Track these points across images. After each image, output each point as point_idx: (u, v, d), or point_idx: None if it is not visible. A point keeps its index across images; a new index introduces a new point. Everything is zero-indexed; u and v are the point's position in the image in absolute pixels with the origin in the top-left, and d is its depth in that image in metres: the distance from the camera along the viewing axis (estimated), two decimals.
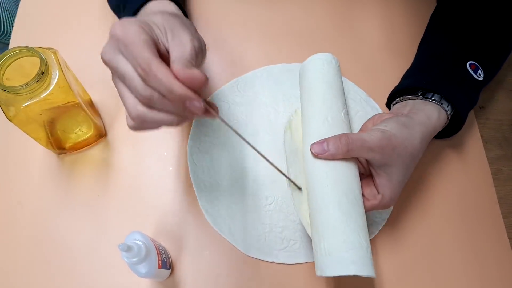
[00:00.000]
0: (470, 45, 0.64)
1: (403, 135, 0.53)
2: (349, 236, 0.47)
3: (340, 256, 0.46)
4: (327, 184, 0.51)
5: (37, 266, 0.58)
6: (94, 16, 0.75)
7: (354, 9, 0.79)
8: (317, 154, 0.52)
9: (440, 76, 0.61)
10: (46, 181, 0.63)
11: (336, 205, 0.49)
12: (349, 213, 0.49)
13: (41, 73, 0.49)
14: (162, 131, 0.66)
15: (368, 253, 0.47)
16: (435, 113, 0.58)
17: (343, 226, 0.48)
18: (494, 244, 0.62)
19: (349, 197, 0.50)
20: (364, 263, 0.46)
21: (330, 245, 0.47)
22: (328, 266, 0.47)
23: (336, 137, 0.51)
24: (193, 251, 0.59)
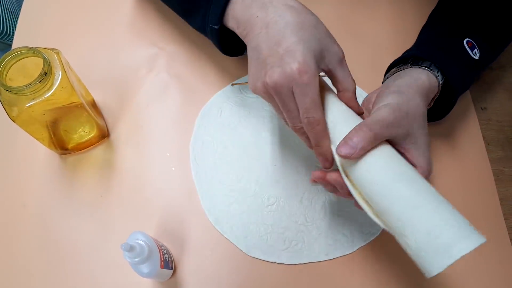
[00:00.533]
0: (469, 24, 0.64)
1: (404, 100, 0.50)
2: (437, 218, 0.42)
3: (442, 243, 0.41)
4: (376, 182, 0.45)
5: (40, 266, 0.58)
6: (96, 17, 0.76)
7: (358, 11, 0.79)
8: (349, 154, 0.46)
9: (434, 48, 0.60)
10: (49, 182, 0.63)
11: (400, 198, 0.44)
12: (418, 196, 0.44)
13: (44, 74, 0.49)
14: (164, 132, 0.66)
15: (464, 220, 0.42)
16: (422, 76, 0.56)
17: (424, 213, 0.42)
18: (496, 245, 0.62)
19: (408, 181, 0.45)
20: (468, 233, 0.41)
21: (423, 239, 0.42)
22: (438, 258, 0.41)
23: (356, 130, 0.47)
24: (195, 251, 0.59)
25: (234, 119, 0.67)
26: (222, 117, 0.67)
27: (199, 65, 0.72)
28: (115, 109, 0.68)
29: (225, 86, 0.70)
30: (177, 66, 0.72)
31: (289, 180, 0.63)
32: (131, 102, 0.69)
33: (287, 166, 0.64)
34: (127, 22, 0.75)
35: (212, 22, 0.56)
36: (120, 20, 0.76)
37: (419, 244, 0.42)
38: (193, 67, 0.72)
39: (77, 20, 0.75)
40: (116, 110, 0.68)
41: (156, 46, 0.73)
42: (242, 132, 0.66)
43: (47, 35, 0.74)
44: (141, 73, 0.71)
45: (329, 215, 0.61)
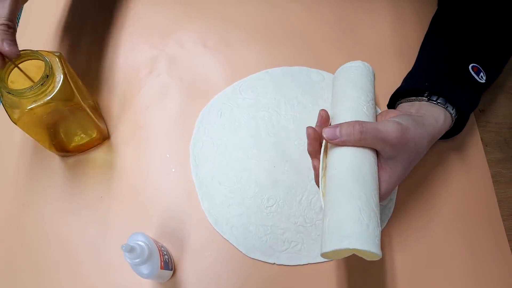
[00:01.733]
0: (472, 47, 0.64)
1: (416, 132, 0.52)
2: (349, 213, 0.46)
3: (335, 232, 0.45)
4: (335, 167, 0.50)
5: (40, 267, 0.58)
6: (97, 20, 0.76)
7: (357, 12, 0.79)
8: (329, 139, 0.50)
9: (443, 78, 0.61)
10: (50, 183, 0.63)
11: (341, 187, 0.48)
12: (353, 193, 0.47)
13: (46, 77, 0.50)
14: (164, 133, 0.67)
15: (369, 229, 0.45)
16: (441, 116, 0.58)
17: (344, 205, 0.46)
18: (494, 246, 0.62)
19: (358, 179, 0.48)
20: (361, 237, 0.44)
21: (330, 223, 0.46)
22: (325, 242, 0.46)
23: (350, 123, 0.50)
24: (195, 252, 0.59)
25: (234, 121, 0.67)
26: (222, 119, 0.68)
27: (199, 67, 0.72)
28: (116, 111, 0.68)
29: (225, 88, 0.71)
30: (177, 68, 0.72)
31: (288, 181, 0.63)
32: (131, 104, 0.69)
33: (286, 168, 0.64)
34: (128, 24, 0.76)
35: None
36: (120, 23, 0.76)
37: (329, 227, 0.46)
38: (193, 69, 0.72)
39: (77, 22, 0.76)
40: (116, 112, 0.68)
41: (157, 48, 0.74)
42: (241, 134, 0.66)
43: (47, 38, 0.74)
44: (141, 75, 0.71)
45: None
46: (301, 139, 0.66)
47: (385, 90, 0.69)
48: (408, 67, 0.70)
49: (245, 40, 0.75)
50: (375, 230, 0.45)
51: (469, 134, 0.69)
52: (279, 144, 0.66)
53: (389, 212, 0.63)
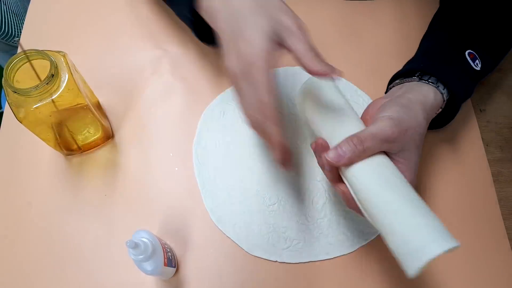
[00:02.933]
0: (470, 35, 0.65)
1: (409, 116, 0.52)
2: (408, 224, 0.44)
3: (409, 251, 0.43)
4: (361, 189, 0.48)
5: (45, 264, 0.59)
6: (101, 19, 0.76)
7: (358, 13, 0.80)
8: (335, 161, 0.48)
9: (438, 61, 0.62)
10: (55, 182, 0.64)
11: (380, 204, 0.46)
12: (394, 203, 0.46)
13: (51, 76, 0.50)
14: (167, 133, 0.67)
15: (438, 225, 0.44)
16: (431, 93, 0.58)
17: (398, 220, 0.45)
18: (494, 245, 0.63)
19: (388, 188, 0.47)
20: (441, 237, 0.43)
21: (398, 245, 0.44)
22: (408, 264, 0.43)
23: (347, 140, 0.49)
24: (198, 250, 0.60)
25: (236, 120, 0.68)
26: (225, 118, 0.68)
27: (202, 67, 0.73)
28: (120, 110, 0.69)
29: (228, 88, 0.71)
30: (181, 68, 0.73)
31: (290, 180, 0.64)
32: (135, 103, 0.70)
33: None
34: (132, 24, 0.76)
35: (186, 11, 0.58)
36: (125, 23, 0.76)
37: (396, 248, 0.44)
38: (197, 69, 0.73)
39: (82, 22, 0.76)
40: (120, 112, 0.69)
41: (160, 48, 0.74)
42: (244, 133, 0.67)
43: (52, 37, 0.75)
44: (145, 75, 0.72)
45: (329, 215, 0.62)
46: (303, 138, 0.67)
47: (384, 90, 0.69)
48: None
49: None
50: (439, 223, 0.44)
51: (470, 133, 0.69)
52: None
53: None
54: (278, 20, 0.50)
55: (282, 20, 0.50)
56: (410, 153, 0.52)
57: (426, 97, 0.57)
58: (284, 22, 0.50)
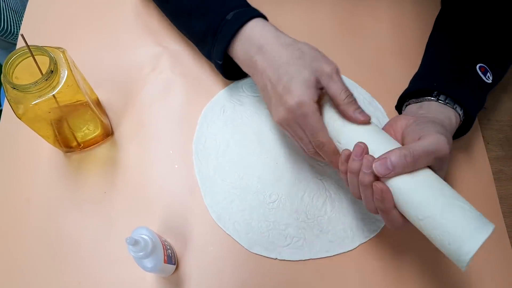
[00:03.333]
0: (479, 47, 0.64)
1: (450, 138, 0.52)
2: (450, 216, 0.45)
3: (462, 238, 0.44)
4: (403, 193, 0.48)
5: (43, 261, 0.59)
6: (101, 16, 0.76)
7: (359, 11, 0.80)
8: (382, 175, 0.47)
9: (451, 79, 0.61)
10: (54, 179, 0.64)
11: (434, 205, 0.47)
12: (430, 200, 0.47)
13: (50, 72, 0.50)
14: (167, 130, 0.67)
15: (473, 213, 0.46)
16: (452, 116, 0.58)
17: (438, 216, 0.45)
18: (495, 243, 0.63)
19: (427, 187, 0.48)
20: (479, 223, 0.45)
21: (442, 239, 0.45)
22: (457, 257, 0.45)
23: (401, 153, 0.47)
24: (198, 247, 0.60)
25: (236, 117, 0.68)
26: (225, 115, 0.68)
27: (202, 64, 0.73)
28: (119, 107, 0.69)
29: (228, 85, 0.71)
30: (181, 65, 0.73)
31: (290, 178, 0.63)
32: (135, 100, 0.69)
33: (288, 164, 0.64)
34: (132, 21, 0.76)
35: (217, 57, 0.63)
36: (124, 19, 0.76)
37: (443, 242, 0.45)
38: (196, 66, 0.73)
39: (81, 19, 0.76)
40: (120, 109, 0.69)
41: (160, 45, 0.74)
42: (244, 130, 0.67)
43: (52, 34, 0.75)
44: (145, 71, 0.72)
45: (330, 213, 0.62)
46: None
47: (387, 89, 0.69)
48: (410, 66, 0.70)
49: None
50: (474, 210, 0.46)
51: (471, 132, 0.69)
52: (282, 141, 0.66)
53: None
54: (318, 68, 0.55)
55: (323, 68, 0.55)
56: (442, 173, 0.51)
57: (451, 120, 0.58)
58: (324, 69, 0.55)
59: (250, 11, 0.61)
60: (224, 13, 0.61)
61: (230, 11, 0.61)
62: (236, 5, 0.62)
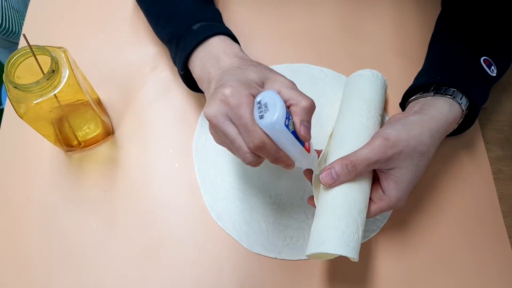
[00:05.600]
0: (482, 41, 0.65)
1: (410, 135, 0.53)
2: (328, 221, 0.50)
3: (315, 238, 0.50)
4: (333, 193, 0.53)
5: (44, 260, 0.59)
6: (102, 16, 0.76)
7: (360, 11, 0.80)
8: (328, 184, 0.52)
9: (454, 72, 0.62)
10: (54, 178, 0.64)
11: (326, 197, 0.53)
12: (335, 202, 0.52)
13: (52, 72, 0.50)
14: (168, 129, 0.67)
15: (345, 235, 0.49)
16: (446, 106, 0.58)
17: (326, 213, 0.51)
18: (494, 243, 0.63)
19: (342, 190, 0.52)
20: (335, 242, 0.48)
21: (313, 229, 0.52)
22: (308, 246, 0.51)
23: (342, 164, 0.51)
24: (198, 247, 0.60)
25: None
26: None
27: None
28: (120, 106, 0.69)
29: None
30: None
31: (290, 178, 0.64)
32: (135, 99, 0.70)
33: None
34: (132, 20, 0.76)
35: (179, 66, 0.60)
36: (124, 19, 0.76)
37: (312, 232, 0.52)
38: None
39: (83, 19, 0.76)
40: (120, 108, 0.69)
41: (160, 44, 0.74)
42: None
43: (53, 33, 0.75)
44: (145, 71, 0.72)
45: None
46: None
47: (388, 88, 0.69)
48: (411, 65, 0.70)
49: (248, 37, 0.76)
50: (351, 235, 0.49)
51: (471, 131, 0.69)
52: None
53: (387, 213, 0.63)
54: (267, 76, 0.50)
55: (273, 77, 0.50)
56: (403, 172, 0.53)
57: (440, 111, 0.57)
58: (275, 78, 0.50)
59: (216, 27, 0.59)
60: (191, 22, 0.59)
61: (198, 22, 0.59)
62: (205, 17, 0.60)
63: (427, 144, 0.54)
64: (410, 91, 0.65)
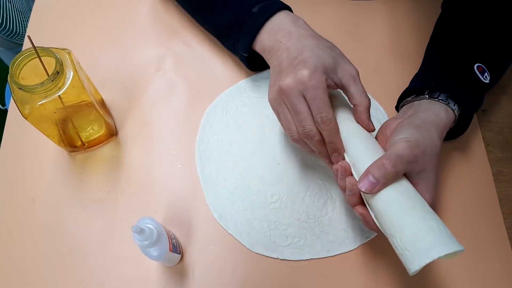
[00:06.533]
0: (477, 48, 0.65)
1: (424, 137, 0.53)
2: (418, 225, 0.45)
3: (417, 248, 0.44)
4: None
5: (48, 260, 0.59)
6: (106, 17, 0.77)
7: (359, 13, 0.80)
8: (368, 191, 0.48)
9: (448, 77, 0.62)
10: (58, 178, 0.64)
11: (392, 205, 0.48)
12: (407, 205, 0.47)
13: (56, 73, 0.51)
14: (170, 130, 0.68)
15: (442, 231, 0.45)
16: (442, 112, 0.58)
17: (408, 220, 0.46)
18: (495, 244, 0.63)
19: (404, 193, 0.49)
20: (443, 242, 0.44)
21: (405, 242, 0.45)
22: (411, 261, 0.45)
23: (378, 165, 0.48)
24: (200, 247, 0.61)
25: (239, 118, 0.68)
26: (228, 116, 0.69)
27: (205, 65, 0.73)
28: (123, 108, 0.70)
29: (231, 86, 0.72)
30: (184, 66, 0.73)
31: (292, 178, 0.64)
32: (138, 101, 0.70)
33: (290, 165, 0.65)
34: (136, 22, 0.77)
35: (242, 50, 0.63)
36: (128, 21, 0.77)
37: (405, 245, 0.45)
38: (200, 67, 0.73)
39: (87, 20, 0.77)
40: (124, 109, 0.69)
41: (164, 46, 0.75)
42: (246, 131, 0.67)
43: (57, 35, 0.75)
44: (148, 72, 0.72)
45: (331, 213, 0.62)
46: None
47: (386, 90, 0.70)
48: (410, 67, 0.70)
49: None
50: (446, 229, 0.46)
51: (471, 133, 0.70)
52: (284, 141, 0.66)
53: None
54: (341, 64, 0.55)
55: (347, 67, 0.56)
56: (429, 174, 0.52)
57: (438, 116, 0.58)
58: (347, 69, 0.55)
59: (276, 3, 0.62)
60: (249, 6, 0.62)
61: (256, 4, 0.61)
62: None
63: (438, 145, 0.54)
64: (404, 94, 0.65)
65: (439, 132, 0.56)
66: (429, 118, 0.57)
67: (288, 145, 0.66)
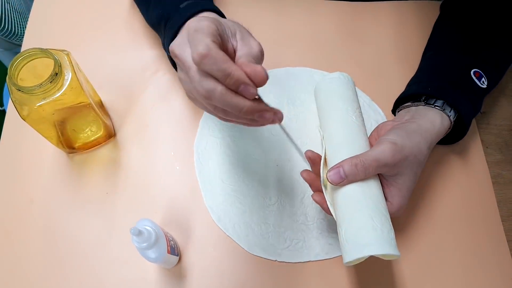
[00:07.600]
0: (475, 53, 0.65)
1: (412, 143, 0.53)
2: (363, 222, 0.49)
3: (355, 242, 0.48)
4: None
5: (47, 261, 0.59)
6: (104, 19, 0.77)
7: (359, 15, 0.80)
8: (335, 183, 0.51)
9: (444, 83, 0.62)
10: (57, 179, 0.64)
11: (349, 199, 0.51)
12: (361, 202, 0.50)
13: (55, 74, 0.50)
14: (169, 131, 0.68)
15: (384, 233, 0.48)
16: (437, 119, 0.59)
17: (357, 215, 0.50)
18: (493, 246, 0.63)
19: (364, 190, 0.51)
20: (379, 243, 0.47)
21: (347, 234, 0.49)
22: (347, 252, 0.49)
23: (351, 163, 0.51)
24: (198, 248, 0.60)
25: None
26: None
27: None
28: (122, 109, 0.69)
29: None
30: None
31: (290, 180, 0.64)
32: (137, 102, 0.70)
33: (288, 167, 0.65)
34: (135, 23, 0.77)
35: (166, 47, 0.56)
36: (128, 22, 0.77)
37: (347, 237, 0.49)
38: None
39: (85, 21, 0.77)
40: (122, 110, 0.69)
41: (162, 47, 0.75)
42: (245, 133, 0.67)
43: (56, 36, 0.75)
44: (147, 74, 0.72)
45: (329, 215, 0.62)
46: (304, 138, 0.67)
47: (386, 92, 0.70)
48: (410, 70, 0.70)
49: None
50: (389, 233, 0.49)
51: (470, 135, 0.69)
52: (282, 143, 0.66)
53: None
54: (239, 27, 0.48)
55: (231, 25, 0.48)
56: (405, 179, 0.53)
57: (433, 123, 0.58)
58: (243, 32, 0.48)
59: (205, 3, 0.55)
60: (179, 2, 0.56)
61: (185, 1, 0.56)
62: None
63: (424, 154, 0.55)
64: (400, 98, 0.65)
65: (429, 141, 0.56)
66: (423, 125, 0.57)
67: (287, 147, 0.66)
